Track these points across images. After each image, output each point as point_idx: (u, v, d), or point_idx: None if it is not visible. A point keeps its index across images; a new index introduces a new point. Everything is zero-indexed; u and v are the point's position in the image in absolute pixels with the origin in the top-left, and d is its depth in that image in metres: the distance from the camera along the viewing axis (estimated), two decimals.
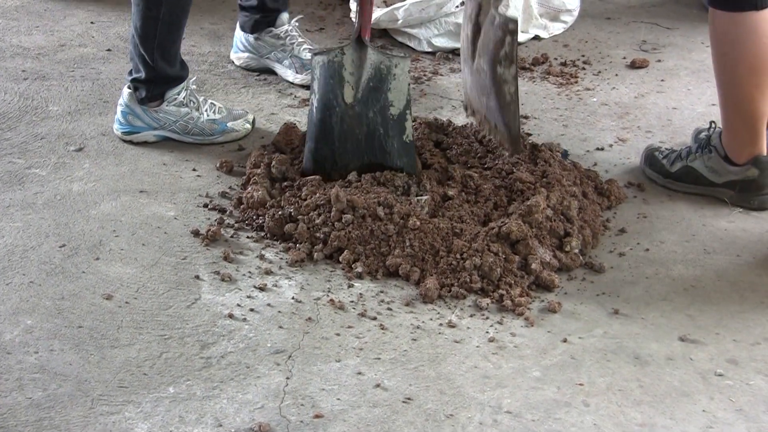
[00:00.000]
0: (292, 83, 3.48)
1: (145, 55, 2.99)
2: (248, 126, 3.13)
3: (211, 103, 3.13)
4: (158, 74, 3.02)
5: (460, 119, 3.24)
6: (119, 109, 3.08)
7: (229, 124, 3.10)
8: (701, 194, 2.89)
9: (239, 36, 3.58)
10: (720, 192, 2.86)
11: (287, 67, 3.49)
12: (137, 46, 2.99)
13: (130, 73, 3.06)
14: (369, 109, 2.83)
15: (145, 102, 3.05)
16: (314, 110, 2.84)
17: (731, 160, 2.83)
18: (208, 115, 3.09)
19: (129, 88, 3.05)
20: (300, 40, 3.51)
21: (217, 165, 2.97)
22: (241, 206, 2.76)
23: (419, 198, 2.69)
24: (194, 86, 3.14)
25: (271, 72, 3.54)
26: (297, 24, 3.53)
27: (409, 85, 2.85)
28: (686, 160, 2.91)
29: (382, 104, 2.82)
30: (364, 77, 2.81)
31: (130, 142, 3.08)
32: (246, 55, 3.57)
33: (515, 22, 2.71)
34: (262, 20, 3.50)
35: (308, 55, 3.46)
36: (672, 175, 2.93)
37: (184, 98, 3.07)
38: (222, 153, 3.05)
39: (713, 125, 2.90)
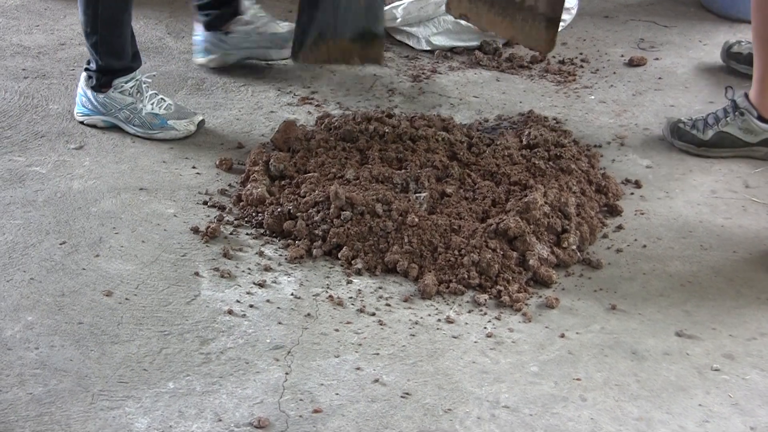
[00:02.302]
0: (278, 62, 3.47)
1: (91, 49, 3.07)
2: (191, 128, 3.12)
3: (161, 98, 3.15)
4: (105, 66, 3.09)
5: (459, 116, 3.25)
6: (77, 92, 3.18)
7: (170, 122, 3.11)
8: (737, 156, 3.04)
9: (205, 38, 3.48)
10: (756, 150, 3.03)
11: (268, 47, 3.47)
12: (84, 40, 3.08)
13: (88, 62, 3.13)
14: None
15: (96, 88, 3.12)
16: None
17: (764, 117, 2.98)
18: (151, 108, 3.11)
19: (85, 72, 3.14)
20: (270, 17, 3.49)
21: (217, 162, 2.98)
22: (241, 203, 2.77)
23: (418, 195, 2.70)
24: (148, 79, 3.18)
25: (250, 59, 3.51)
26: (259, 5, 3.51)
27: None
28: (718, 126, 3.03)
29: None
30: None
31: (82, 123, 3.15)
32: (219, 54, 3.48)
33: None
34: (225, 13, 3.45)
35: (285, 27, 3.46)
36: (706, 143, 3.05)
37: (131, 88, 3.11)
38: (221, 150, 3.06)
39: (729, 90, 3.05)
